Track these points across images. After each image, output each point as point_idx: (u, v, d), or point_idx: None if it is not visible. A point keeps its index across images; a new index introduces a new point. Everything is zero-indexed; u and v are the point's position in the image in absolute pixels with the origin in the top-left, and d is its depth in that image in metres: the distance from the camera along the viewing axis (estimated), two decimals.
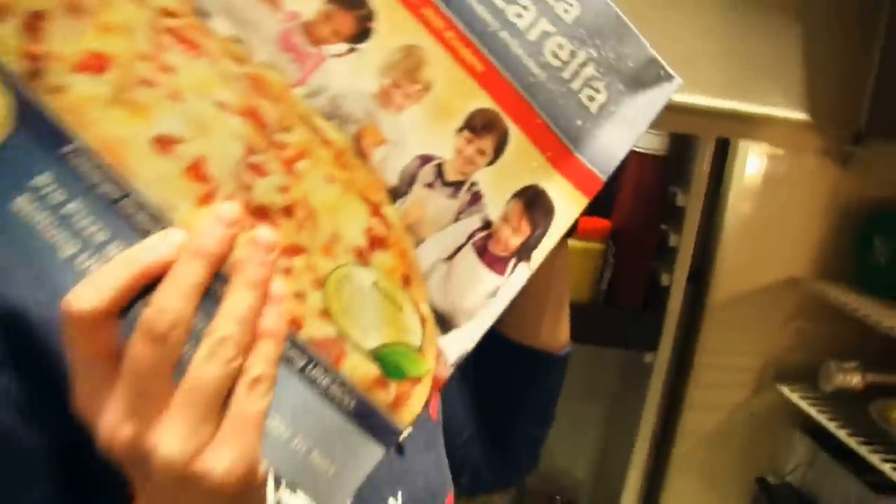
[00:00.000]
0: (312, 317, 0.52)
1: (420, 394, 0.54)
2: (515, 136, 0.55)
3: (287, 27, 0.52)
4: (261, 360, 0.48)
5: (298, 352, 0.52)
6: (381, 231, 0.54)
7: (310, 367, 0.52)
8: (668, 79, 0.58)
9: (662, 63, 0.58)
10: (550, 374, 0.92)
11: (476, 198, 0.55)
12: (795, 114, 1.37)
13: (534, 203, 0.56)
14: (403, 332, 0.54)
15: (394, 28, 0.53)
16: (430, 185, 0.54)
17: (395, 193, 0.54)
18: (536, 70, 0.55)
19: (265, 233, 0.50)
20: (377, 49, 0.53)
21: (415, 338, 0.54)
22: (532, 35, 0.55)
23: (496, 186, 0.56)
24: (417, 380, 0.54)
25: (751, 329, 1.68)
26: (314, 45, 0.52)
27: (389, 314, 0.54)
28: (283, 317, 0.50)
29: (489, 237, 0.56)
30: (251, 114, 0.52)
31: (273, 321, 0.49)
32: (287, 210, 0.52)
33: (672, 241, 1.62)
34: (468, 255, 0.56)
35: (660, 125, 1.46)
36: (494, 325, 0.73)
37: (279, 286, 0.50)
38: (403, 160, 0.53)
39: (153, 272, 0.47)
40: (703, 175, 1.54)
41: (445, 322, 0.55)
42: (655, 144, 1.59)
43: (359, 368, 0.53)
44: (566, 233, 0.60)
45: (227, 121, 0.51)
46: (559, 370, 0.92)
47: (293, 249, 0.52)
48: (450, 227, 0.55)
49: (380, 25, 0.53)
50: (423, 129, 0.54)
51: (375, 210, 0.54)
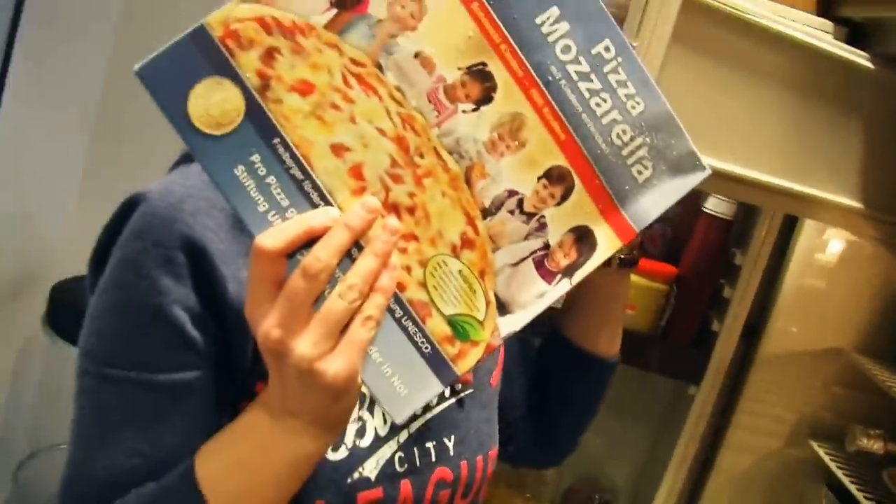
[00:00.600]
0: (413, 285, 0.77)
1: (475, 354, 0.79)
2: (578, 189, 0.80)
3: (435, 86, 0.77)
4: (373, 306, 0.73)
5: (399, 307, 0.77)
6: (472, 236, 0.79)
7: (404, 318, 0.77)
8: (701, 169, 0.82)
9: (699, 156, 0.82)
10: (602, 376, 1.16)
11: (542, 227, 0.80)
12: (849, 201, 1.56)
13: (582, 238, 0.80)
14: (473, 309, 0.79)
15: (508, 99, 0.78)
16: (511, 212, 0.79)
17: (486, 213, 0.79)
18: (603, 146, 0.80)
19: (393, 222, 0.75)
20: (493, 112, 0.78)
21: (480, 314, 0.79)
22: (605, 120, 0.79)
23: (558, 221, 0.80)
24: (476, 343, 0.79)
25: (792, 386, 1.87)
26: (451, 102, 0.77)
27: (466, 294, 0.79)
28: (394, 280, 0.74)
29: (546, 256, 0.80)
30: (399, 140, 0.77)
31: (386, 281, 0.74)
32: (410, 209, 0.77)
33: (726, 294, 1.85)
34: (528, 265, 0.81)
35: (726, 193, 1.69)
36: (562, 332, 1.01)
37: (395, 259, 0.75)
38: (496, 191, 0.78)
39: (315, 233, 0.72)
40: (760, 240, 1.75)
41: (503, 308, 0.80)
42: (724, 209, 1.82)
43: (437, 327, 0.78)
44: (628, 269, 0.88)
45: (383, 142, 0.76)
46: (609, 374, 1.16)
47: (409, 237, 0.77)
48: (520, 243, 0.80)
49: (499, 96, 0.77)
50: (515, 173, 0.78)
51: (471, 221, 0.79)
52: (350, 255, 0.74)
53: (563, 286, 0.81)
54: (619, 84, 0.79)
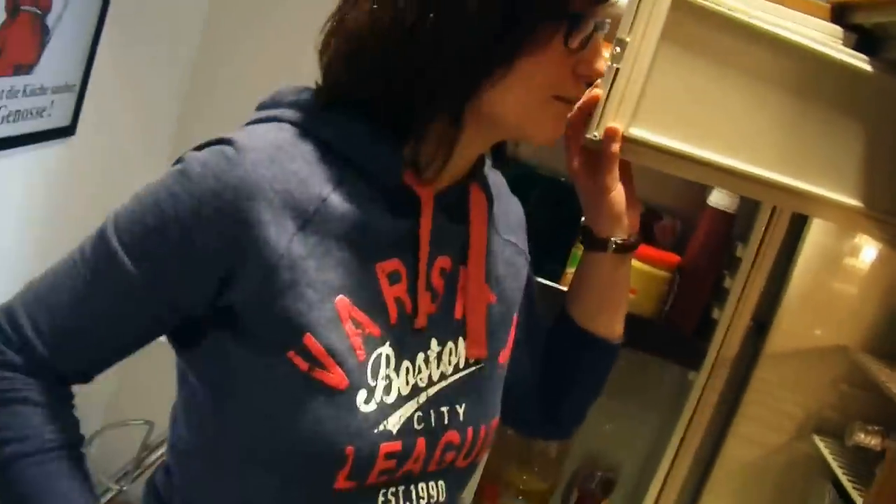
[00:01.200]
0: None
1: None
2: None
3: None
4: None
5: None
6: None
7: None
8: None
9: None
10: (603, 357, 1.23)
11: None
12: (851, 201, 1.62)
13: None
14: None
15: None
16: None
17: None
18: None
19: None
20: None
21: None
22: None
23: None
24: None
25: (799, 382, 1.93)
26: None
27: None
28: None
29: None
30: None
31: None
32: None
33: (727, 284, 1.93)
34: None
35: (723, 185, 1.75)
36: (568, 312, 1.12)
37: None
38: None
39: None
40: (760, 234, 1.82)
41: None
42: (726, 202, 1.91)
43: None
44: (624, 254, 1.11)
45: None
46: (610, 355, 1.23)
47: None
48: None
49: None
50: None
51: None
52: None
53: None
54: None
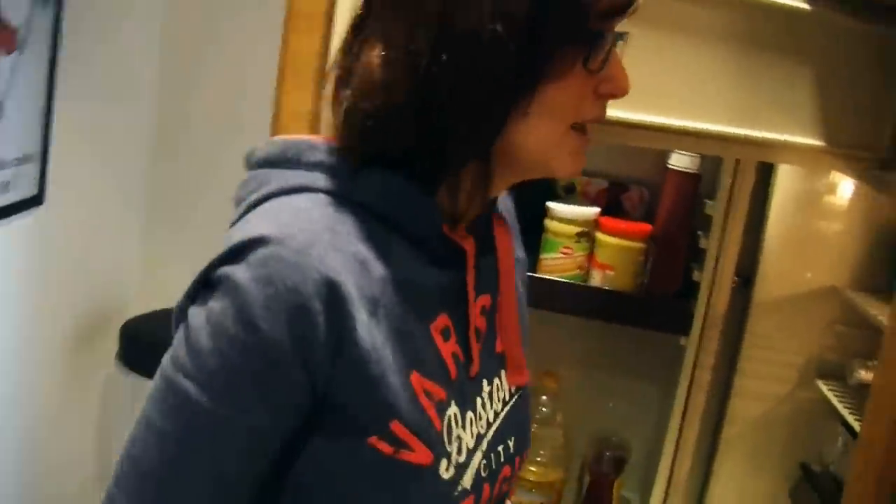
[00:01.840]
0: None
1: None
2: None
3: None
4: None
5: None
6: None
7: None
8: None
9: None
10: None
11: None
12: (812, 141, 1.60)
13: None
14: None
15: None
16: None
17: None
18: None
19: None
20: None
21: None
22: None
23: None
24: None
25: (793, 329, 1.91)
26: None
27: None
28: None
29: None
30: None
31: None
32: None
33: (702, 244, 1.91)
34: None
35: (685, 147, 1.75)
36: None
37: None
38: None
39: None
40: (727, 189, 1.81)
41: None
42: (687, 163, 1.89)
43: None
44: None
45: None
46: None
47: None
48: None
49: None
50: None
51: None
52: None
53: None
54: None
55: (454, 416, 0.91)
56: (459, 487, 0.92)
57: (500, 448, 1.00)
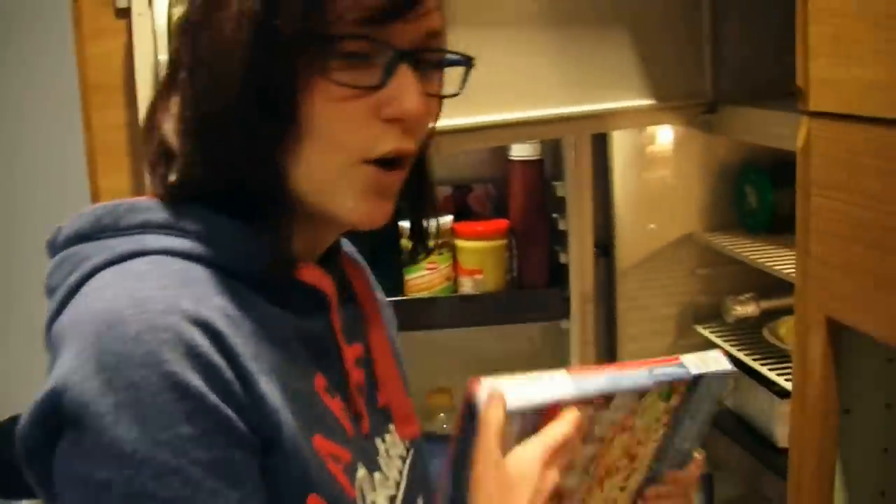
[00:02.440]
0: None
1: None
2: None
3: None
4: None
5: None
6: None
7: None
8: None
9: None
10: None
11: None
12: (641, 101, 1.63)
13: None
14: None
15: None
16: None
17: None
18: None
19: None
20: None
21: None
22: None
23: None
24: None
25: (661, 283, 1.95)
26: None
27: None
28: None
29: None
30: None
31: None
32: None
33: (562, 226, 1.92)
34: None
35: (523, 137, 1.76)
36: None
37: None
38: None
39: None
40: (574, 167, 1.83)
41: None
42: (528, 151, 1.90)
43: None
44: None
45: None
46: None
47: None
48: None
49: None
50: None
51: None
52: None
53: None
54: None
55: (364, 479, 0.83)
56: None
57: None
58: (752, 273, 1.80)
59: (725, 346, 1.84)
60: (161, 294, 0.70)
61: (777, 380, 1.69)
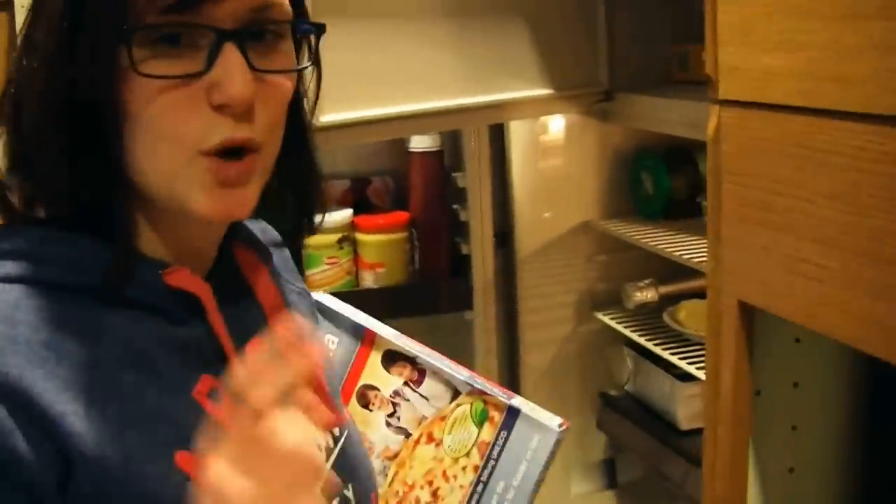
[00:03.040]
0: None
1: None
2: None
3: None
4: None
5: None
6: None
7: None
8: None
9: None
10: None
11: None
12: (537, 91, 1.64)
13: None
14: None
15: None
16: None
17: None
18: None
19: None
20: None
21: None
22: None
23: None
24: None
25: (560, 272, 1.97)
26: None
27: None
28: None
29: None
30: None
31: None
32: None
33: (463, 217, 1.93)
34: None
35: (422, 129, 1.75)
36: None
37: None
38: None
39: None
40: (474, 157, 1.83)
41: None
42: (428, 143, 1.90)
43: None
44: None
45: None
46: None
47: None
48: None
49: None
50: None
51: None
52: None
53: None
54: None
55: None
56: None
57: (337, 502, 0.89)
58: (650, 259, 1.84)
59: (626, 332, 1.87)
60: None
61: (679, 363, 1.72)
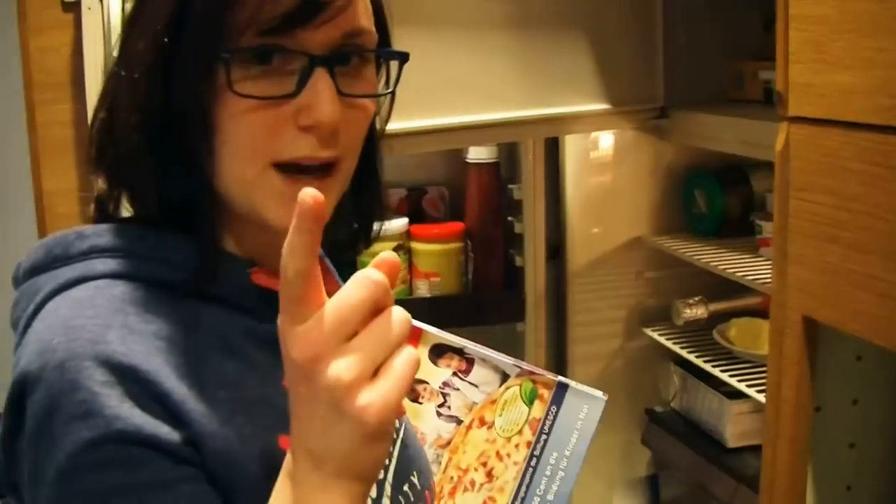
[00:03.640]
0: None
1: None
2: None
3: None
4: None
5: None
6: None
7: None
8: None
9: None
10: None
11: None
12: (596, 106, 1.66)
13: None
14: None
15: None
16: None
17: None
18: None
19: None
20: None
21: None
22: None
23: None
24: None
25: (609, 286, 1.98)
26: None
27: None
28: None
29: None
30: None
31: None
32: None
33: (518, 229, 1.94)
34: None
35: (480, 140, 1.77)
36: None
37: None
38: None
39: None
40: (530, 170, 1.85)
41: None
42: (485, 154, 1.92)
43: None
44: None
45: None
46: None
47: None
48: None
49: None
50: None
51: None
52: None
53: None
54: None
55: None
56: None
57: (407, 488, 0.93)
58: (700, 276, 1.84)
59: (675, 349, 1.88)
60: (91, 322, 0.71)
61: (729, 381, 1.72)
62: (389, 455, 0.93)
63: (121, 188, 0.81)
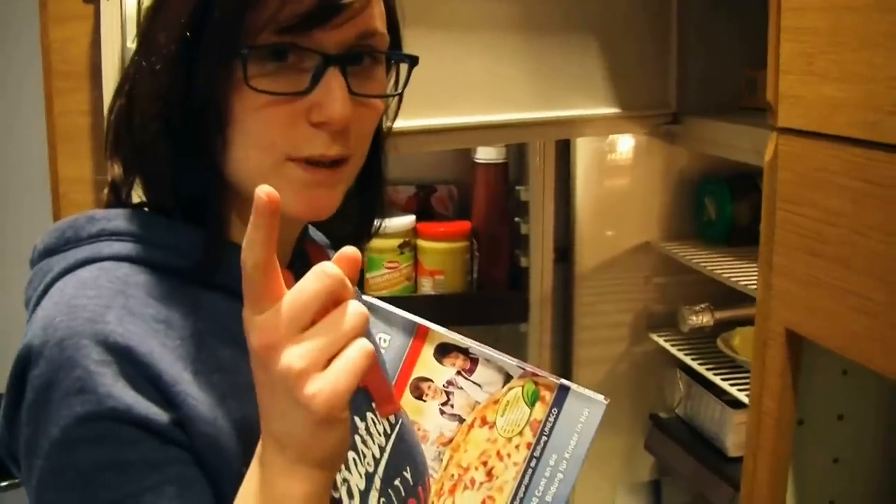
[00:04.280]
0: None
1: None
2: None
3: None
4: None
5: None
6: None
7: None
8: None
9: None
10: None
11: None
12: (606, 110, 1.66)
13: None
14: None
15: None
16: None
17: None
18: None
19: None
20: None
21: None
22: None
23: None
24: None
25: (617, 290, 1.98)
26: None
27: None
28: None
29: None
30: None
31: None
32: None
33: (524, 230, 1.95)
34: None
35: (489, 140, 1.77)
36: None
37: None
38: None
39: None
40: (538, 171, 1.85)
41: None
42: (494, 154, 1.92)
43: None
44: None
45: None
46: None
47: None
48: None
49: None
50: None
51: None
52: None
53: None
54: None
55: None
56: None
57: (398, 482, 0.95)
58: (708, 283, 1.84)
59: (679, 355, 1.87)
60: (92, 303, 0.74)
61: (730, 390, 1.72)
62: (381, 449, 0.95)
63: (135, 175, 0.84)
